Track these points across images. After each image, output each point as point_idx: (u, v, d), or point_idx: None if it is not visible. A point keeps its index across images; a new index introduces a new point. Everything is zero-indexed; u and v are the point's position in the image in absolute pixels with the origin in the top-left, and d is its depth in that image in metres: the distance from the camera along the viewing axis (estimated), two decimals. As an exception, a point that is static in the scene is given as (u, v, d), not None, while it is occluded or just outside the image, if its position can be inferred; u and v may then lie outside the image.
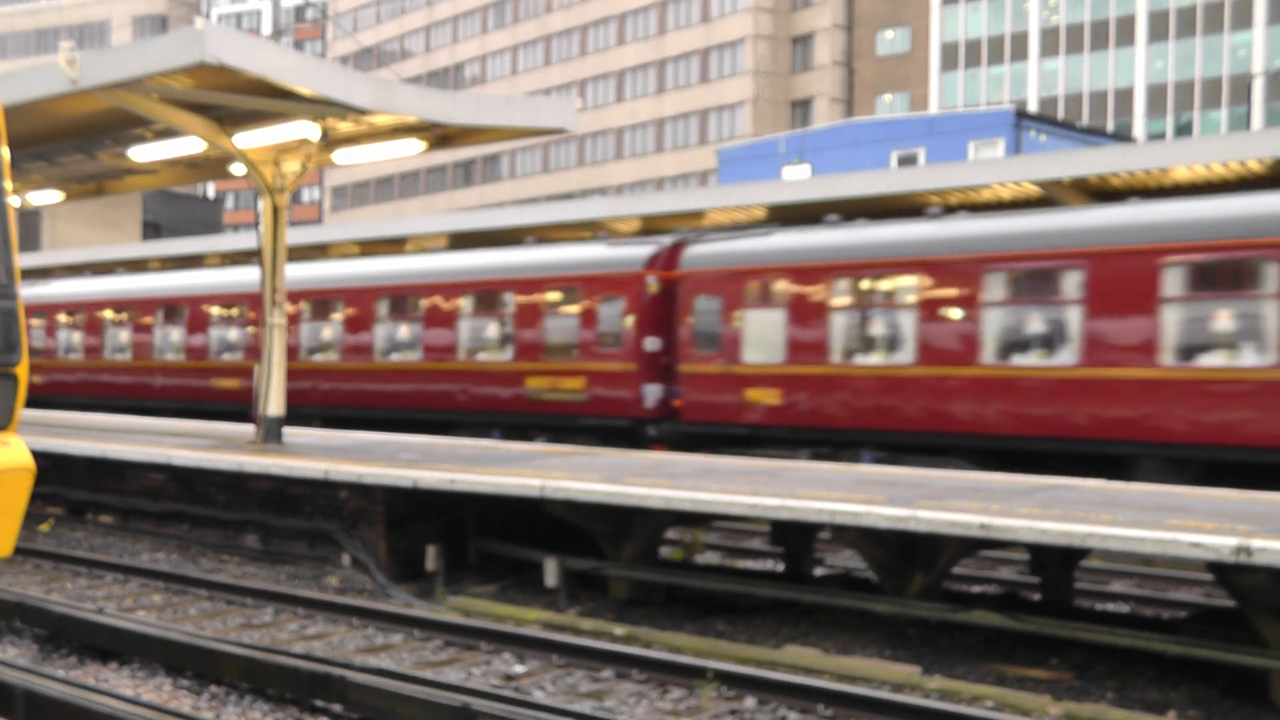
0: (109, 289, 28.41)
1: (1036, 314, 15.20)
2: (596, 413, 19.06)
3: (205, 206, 59.89)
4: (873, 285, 16.52)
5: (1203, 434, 13.72)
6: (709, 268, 17.96)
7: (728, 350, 17.63)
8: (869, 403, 16.27)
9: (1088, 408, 14.51)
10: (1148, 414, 14.08)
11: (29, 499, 7.05)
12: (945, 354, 15.65)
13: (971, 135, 44.10)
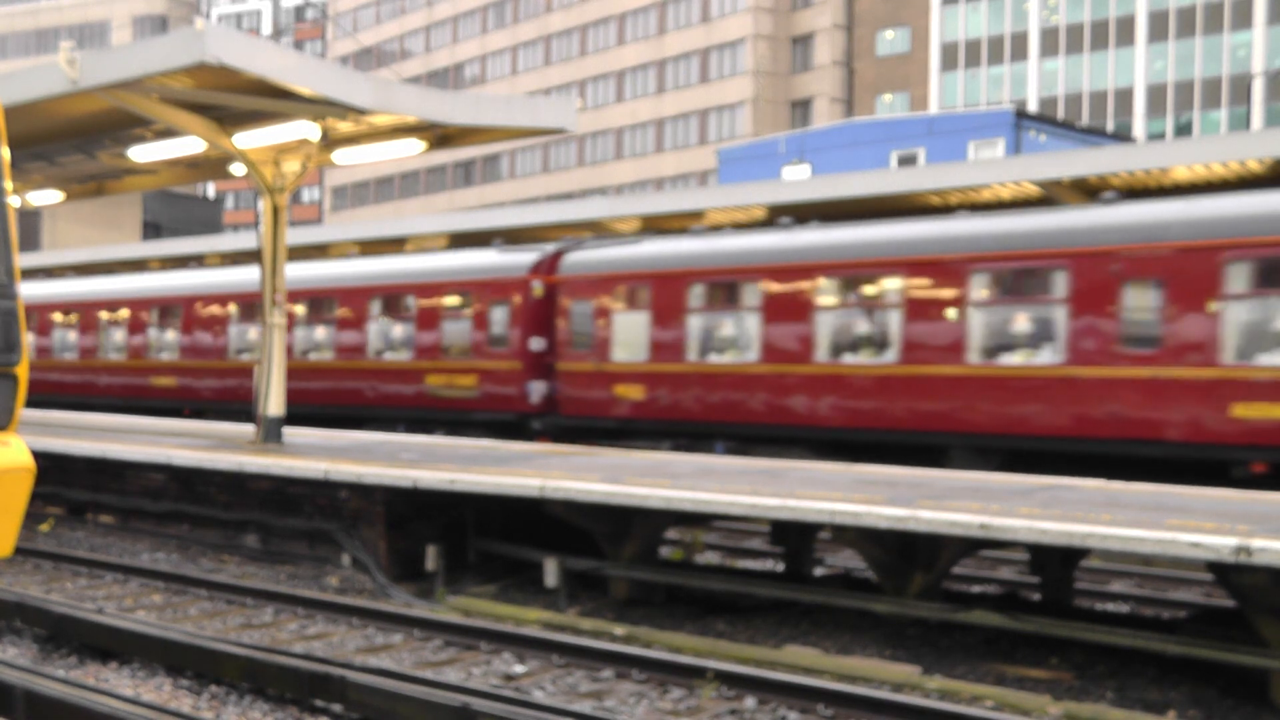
0: (57, 292, 29.55)
1: (863, 317, 16.69)
2: (488, 408, 20.43)
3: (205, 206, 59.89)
4: (723, 290, 17.97)
5: (1003, 425, 15.22)
6: (583, 273, 19.43)
7: (599, 350, 19.08)
8: (721, 398, 17.68)
9: (906, 402, 15.98)
10: (956, 407, 15.61)
11: (29, 499, 7.05)
12: (785, 353, 17.06)
13: (971, 135, 44.11)
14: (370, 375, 22.13)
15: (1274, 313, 13.71)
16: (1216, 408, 13.88)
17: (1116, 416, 14.50)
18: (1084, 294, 14.65)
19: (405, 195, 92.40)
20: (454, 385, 20.85)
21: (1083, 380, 14.67)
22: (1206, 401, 13.95)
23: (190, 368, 25.65)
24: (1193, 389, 14.00)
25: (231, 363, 24.53)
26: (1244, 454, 13.77)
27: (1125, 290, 14.49)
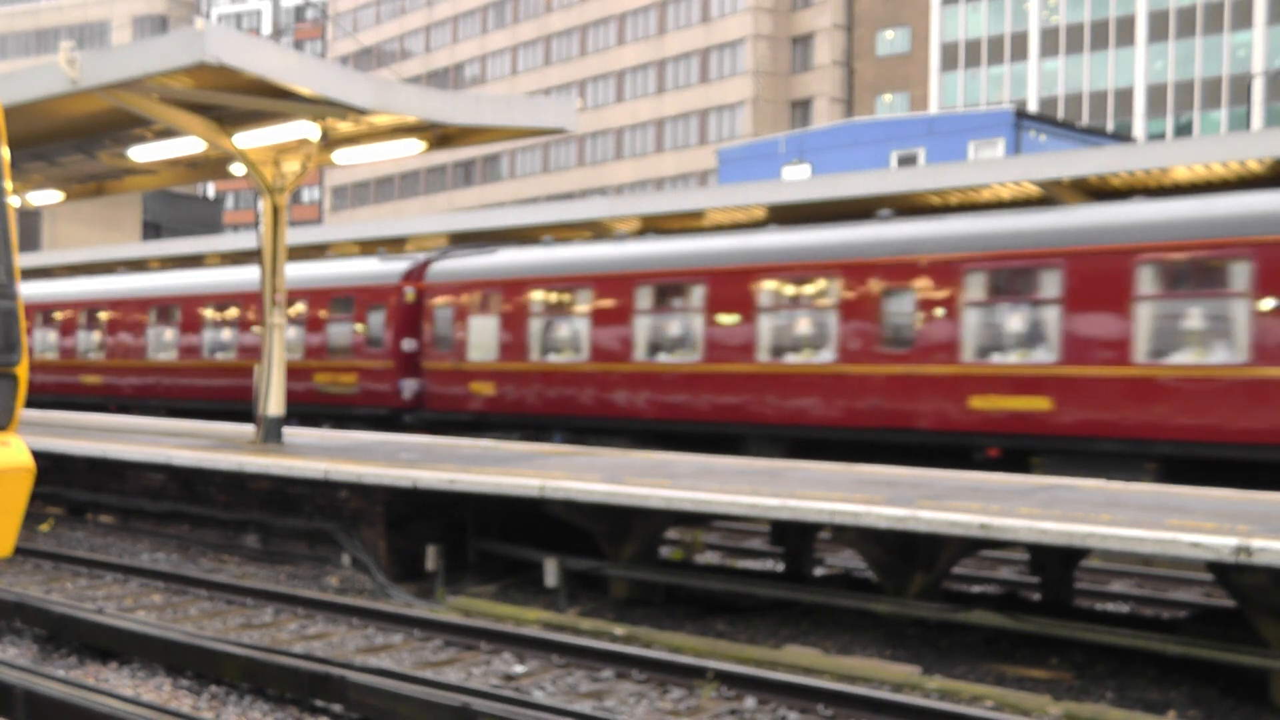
0: None
1: (672, 321, 18.67)
2: (367, 403, 22.53)
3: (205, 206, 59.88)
4: (559, 297, 19.90)
5: (787, 417, 17.32)
6: (445, 280, 21.49)
7: (458, 350, 21.08)
8: (558, 393, 19.59)
9: (708, 396, 17.95)
10: (749, 401, 17.61)
11: (29, 499, 7.05)
12: (609, 353, 19.01)
13: (971, 135, 44.10)
14: None
15: (1005, 317, 15.73)
16: (957, 400, 15.79)
17: (878, 408, 16.45)
18: (851, 301, 16.61)
19: (405, 195, 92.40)
20: (338, 382, 23.01)
21: (851, 376, 16.67)
22: (950, 395, 15.85)
23: (114, 367, 27.84)
24: (939, 384, 15.98)
25: (150, 362, 26.90)
26: (981, 440, 15.75)
27: (885, 298, 16.41)
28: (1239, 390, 13.79)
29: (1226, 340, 14.08)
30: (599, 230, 23.63)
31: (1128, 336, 14.55)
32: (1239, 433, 13.74)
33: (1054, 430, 15.06)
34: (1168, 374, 14.29)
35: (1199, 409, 14.07)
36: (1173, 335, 14.43)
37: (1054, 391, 15.03)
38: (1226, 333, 14.08)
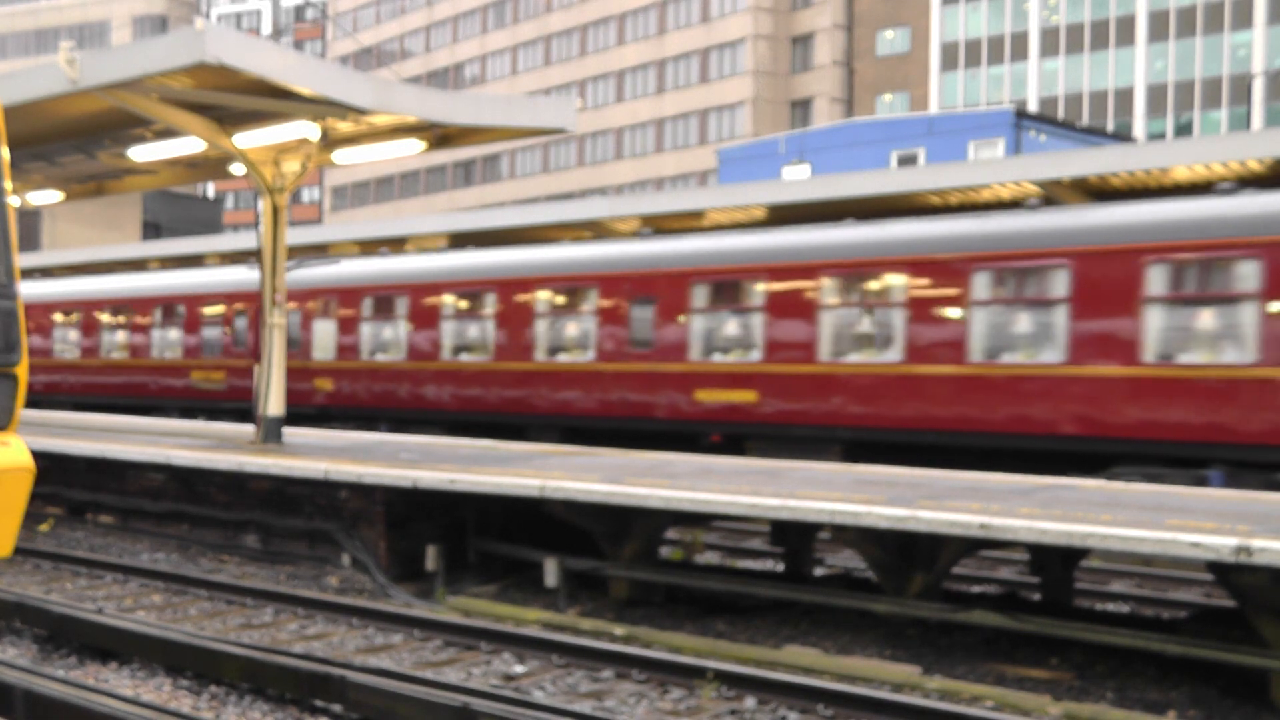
0: None
1: (470, 324, 21.14)
2: (232, 398, 24.97)
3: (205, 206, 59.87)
4: (384, 302, 22.35)
5: (558, 408, 19.71)
6: (294, 288, 23.43)
7: (305, 350, 23.53)
8: (383, 388, 21.99)
9: (497, 391, 20.50)
10: (529, 395, 20.13)
11: (29, 499, 7.05)
12: (422, 353, 21.50)
13: (971, 135, 44.09)
14: (153, 371, 27.08)
15: (723, 322, 18.27)
16: (687, 393, 18.34)
17: (626, 400, 18.90)
18: (607, 309, 19.23)
19: (405, 195, 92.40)
20: (210, 380, 25.74)
21: (606, 373, 19.09)
22: (681, 389, 18.40)
23: None
24: (673, 380, 18.52)
25: (55, 361, 29.59)
26: (706, 428, 18.23)
27: (632, 306, 18.94)
28: (897, 385, 16.34)
29: (889, 343, 16.55)
30: (599, 230, 23.62)
31: (814, 339, 17.14)
32: (898, 419, 16.34)
33: (760, 419, 17.63)
34: (845, 370, 16.86)
35: (869, 400, 16.64)
36: (848, 338, 17.07)
37: (759, 386, 17.56)
38: (889, 337, 16.59)
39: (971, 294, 15.79)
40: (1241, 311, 13.92)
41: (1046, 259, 15.26)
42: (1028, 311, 15.58)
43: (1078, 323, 14.95)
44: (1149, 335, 14.51)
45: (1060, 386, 15.05)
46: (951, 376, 15.80)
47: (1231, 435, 13.89)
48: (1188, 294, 14.43)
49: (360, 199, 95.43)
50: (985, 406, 15.56)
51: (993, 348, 15.69)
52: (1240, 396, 13.84)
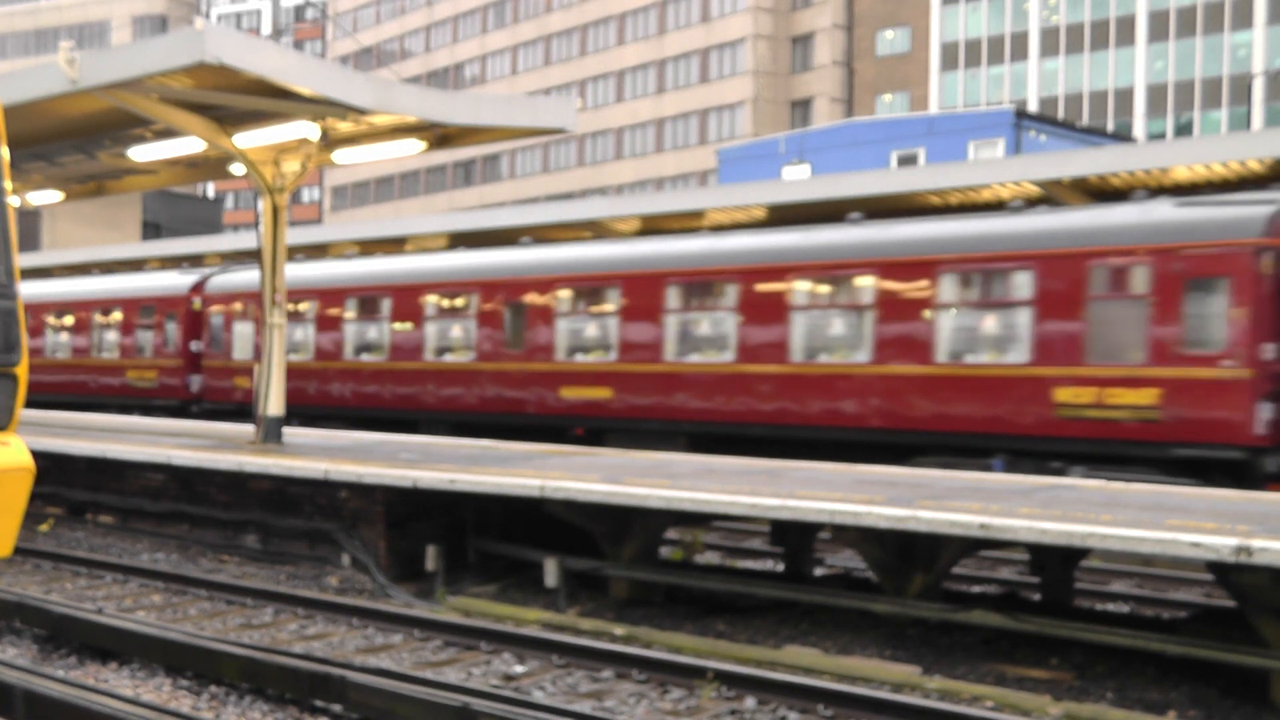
0: None
1: (367, 326, 23.04)
2: (164, 395, 27.03)
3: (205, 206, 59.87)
4: (294, 305, 23.98)
5: (446, 404, 21.43)
6: (218, 292, 26.00)
7: (226, 350, 25.62)
8: (294, 385, 22.81)
9: (392, 388, 22.34)
10: (419, 392, 21.84)
11: (29, 499, 7.05)
12: (327, 353, 23.76)
13: (971, 135, 44.09)
14: (92, 370, 28.73)
15: (583, 325, 19.91)
16: (554, 390, 19.91)
17: (504, 396, 20.60)
18: (486, 313, 21.00)
19: (405, 195, 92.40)
20: (143, 378, 27.58)
21: (485, 372, 20.92)
22: (549, 386, 20.00)
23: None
24: (542, 378, 20.17)
25: None
26: (571, 422, 19.76)
27: (507, 310, 20.72)
28: (731, 382, 17.98)
29: (725, 344, 18.15)
30: (599, 230, 23.63)
31: (660, 341, 18.75)
32: (732, 414, 17.97)
33: (614, 414, 19.24)
34: (686, 370, 18.48)
35: (707, 396, 18.23)
36: (690, 340, 18.60)
37: (613, 384, 19.18)
38: (724, 339, 18.18)
39: (792, 300, 17.48)
40: (1018, 317, 15.63)
41: (856, 269, 16.93)
42: (841, 316, 17.25)
43: (882, 326, 16.63)
44: (941, 338, 16.18)
45: (867, 384, 16.72)
46: (776, 375, 17.54)
47: (1011, 427, 15.51)
48: (974, 301, 16.22)
49: (360, 199, 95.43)
50: (805, 402, 17.27)
51: (811, 349, 17.38)
52: (1017, 393, 15.45)
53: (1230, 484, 13.79)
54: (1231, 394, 14.09)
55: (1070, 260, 15.15)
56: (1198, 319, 14.44)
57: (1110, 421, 14.77)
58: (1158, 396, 14.45)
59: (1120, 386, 14.70)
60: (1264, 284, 14.15)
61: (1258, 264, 14.11)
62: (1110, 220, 15.34)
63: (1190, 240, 14.46)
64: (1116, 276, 14.90)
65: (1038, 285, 15.38)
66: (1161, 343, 14.51)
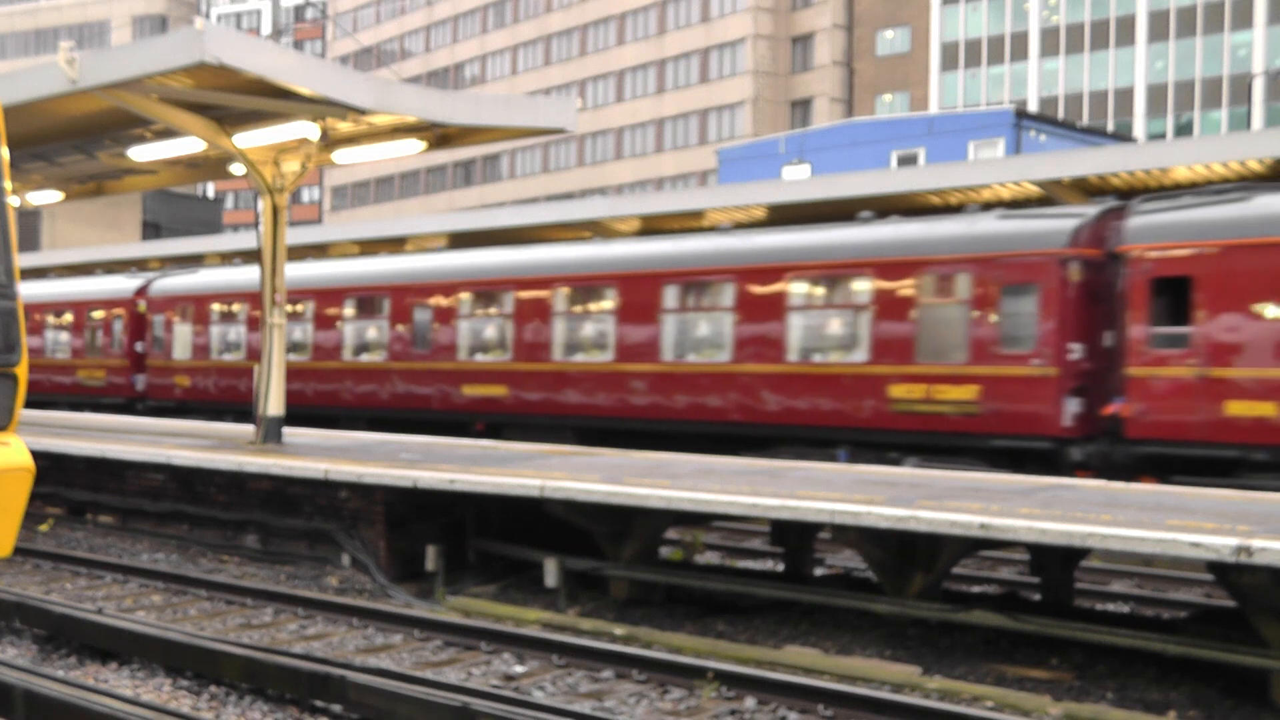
0: None
1: (293, 328, 24.05)
2: (110, 394, 28.68)
3: (205, 206, 59.88)
4: (224, 308, 25.93)
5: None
6: (160, 295, 27.56)
7: (167, 350, 27.19)
8: (227, 384, 25.55)
9: (314, 384, 23.75)
10: (338, 388, 23.57)
11: (29, 499, 7.05)
12: (257, 352, 23.65)
13: (971, 135, 44.10)
14: (47, 369, 29.90)
15: (483, 326, 21.47)
16: (457, 387, 21.37)
17: (413, 393, 22.00)
18: (397, 315, 22.47)
19: (405, 195, 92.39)
20: (93, 377, 29.15)
21: (395, 370, 22.41)
22: (452, 384, 21.39)
23: None
24: (446, 376, 21.51)
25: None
26: (471, 418, 21.20)
27: (415, 312, 22.15)
28: (610, 380, 19.43)
29: (604, 346, 19.75)
30: (599, 230, 23.62)
31: (549, 342, 20.24)
32: (612, 409, 19.44)
33: (509, 409, 20.76)
34: (572, 368, 19.94)
35: (589, 393, 19.65)
36: (576, 341, 20.13)
37: (508, 381, 20.73)
38: (604, 341, 19.79)
39: (663, 304, 18.87)
40: (859, 319, 17.08)
41: (719, 275, 18.38)
42: (705, 319, 18.74)
43: (740, 328, 18.00)
44: (791, 339, 17.55)
45: (728, 381, 18.08)
46: (649, 373, 19.01)
47: (853, 421, 16.88)
48: (820, 304, 17.58)
49: (360, 199, 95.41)
50: (674, 398, 18.76)
51: (680, 349, 18.83)
52: (857, 389, 16.76)
53: (1041, 471, 14.74)
54: (1041, 390, 15.33)
55: (904, 268, 16.47)
56: (1012, 322, 15.67)
57: (938, 415, 16.08)
58: (977, 392, 15.76)
59: (946, 383, 15.98)
60: (1070, 290, 15.33)
61: (1064, 272, 15.33)
62: (940, 232, 16.60)
63: (1006, 250, 15.75)
64: (943, 283, 16.18)
65: (875, 291, 16.72)
66: (981, 343, 15.78)
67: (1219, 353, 14.42)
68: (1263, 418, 14.07)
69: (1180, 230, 14.79)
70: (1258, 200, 14.65)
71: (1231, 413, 14.29)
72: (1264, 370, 14.14)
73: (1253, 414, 14.16)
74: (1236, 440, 14.30)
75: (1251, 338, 14.25)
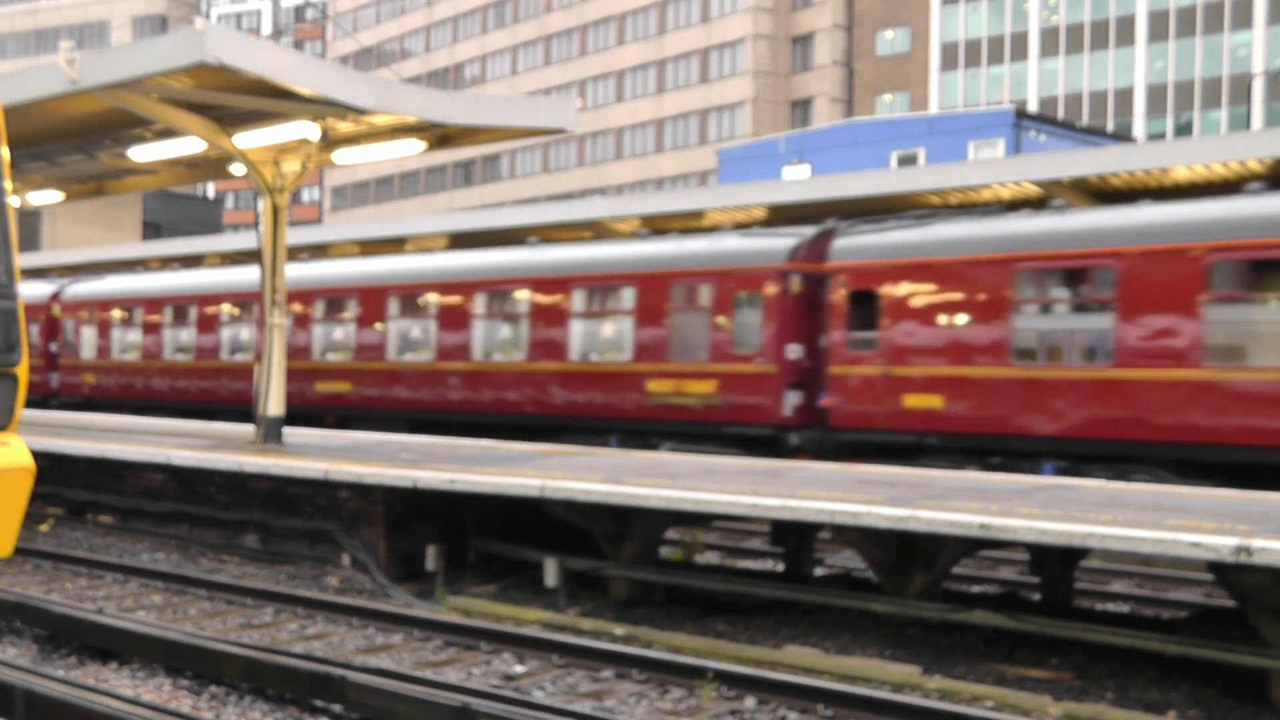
0: None
1: (181, 330, 26.78)
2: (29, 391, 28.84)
3: (205, 206, 59.88)
4: (121, 313, 28.08)
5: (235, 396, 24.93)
6: (70, 300, 29.54)
7: (75, 351, 29.22)
8: (126, 381, 27.25)
9: (190, 383, 26.24)
10: (216, 386, 25.65)
11: (29, 499, 7.05)
12: (150, 353, 27.27)
13: (971, 135, 44.10)
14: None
15: (332, 330, 23.63)
16: (311, 383, 23.44)
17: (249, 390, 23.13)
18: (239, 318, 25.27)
19: (405, 195, 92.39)
20: None
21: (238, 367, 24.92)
22: (308, 380, 23.36)
23: None
24: (303, 374, 23.17)
25: None
26: (324, 411, 23.08)
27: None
28: (432, 377, 21.60)
29: (427, 346, 21.84)
30: (599, 230, 23.62)
31: (383, 343, 22.35)
32: (433, 403, 21.46)
33: (353, 404, 22.77)
34: (402, 367, 22.02)
35: (415, 388, 21.60)
36: (405, 343, 22.26)
37: (352, 379, 22.87)
38: (427, 342, 21.85)
39: (473, 310, 21.12)
40: (624, 324, 19.31)
41: (515, 285, 20.72)
42: (504, 324, 21.05)
43: (533, 332, 20.26)
44: (573, 341, 19.82)
45: (523, 378, 20.32)
46: (462, 371, 21.16)
47: (621, 412, 19.05)
48: (595, 311, 19.90)
49: (360, 199, 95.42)
50: (481, 392, 20.89)
51: (487, 350, 21.09)
52: (623, 385, 19.06)
53: (766, 454, 16.91)
54: (765, 385, 17.66)
55: (659, 280, 18.83)
56: (742, 327, 17.99)
57: (686, 407, 18.40)
58: (716, 387, 18.09)
59: (691, 379, 18.38)
60: (789, 300, 17.58)
61: (784, 284, 17.58)
62: (690, 248, 19.05)
63: (739, 265, 18.09)
64: (690, 293, 18.54)
65: (637, 300, 19.05)
66: (718, 345, 18.12)
67: (898, 354, 16.67)
68: (932, 409, 16.34)
69: (870, 251, 17.12)
70: (934, 226, 17.01)
71: (908, 405, 16.57)
72: (933, 369, 16.38)
73: (925, 406, 16.43)
74: (913, 428, 16.53)
75: (923, 342, 16.50)
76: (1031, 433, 15.45)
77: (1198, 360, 14.23)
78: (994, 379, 15.79)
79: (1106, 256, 14.96)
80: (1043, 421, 15.33)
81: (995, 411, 15.74)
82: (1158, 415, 14.46)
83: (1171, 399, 14.37)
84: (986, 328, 15.89)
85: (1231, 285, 14.17)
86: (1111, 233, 15.09)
